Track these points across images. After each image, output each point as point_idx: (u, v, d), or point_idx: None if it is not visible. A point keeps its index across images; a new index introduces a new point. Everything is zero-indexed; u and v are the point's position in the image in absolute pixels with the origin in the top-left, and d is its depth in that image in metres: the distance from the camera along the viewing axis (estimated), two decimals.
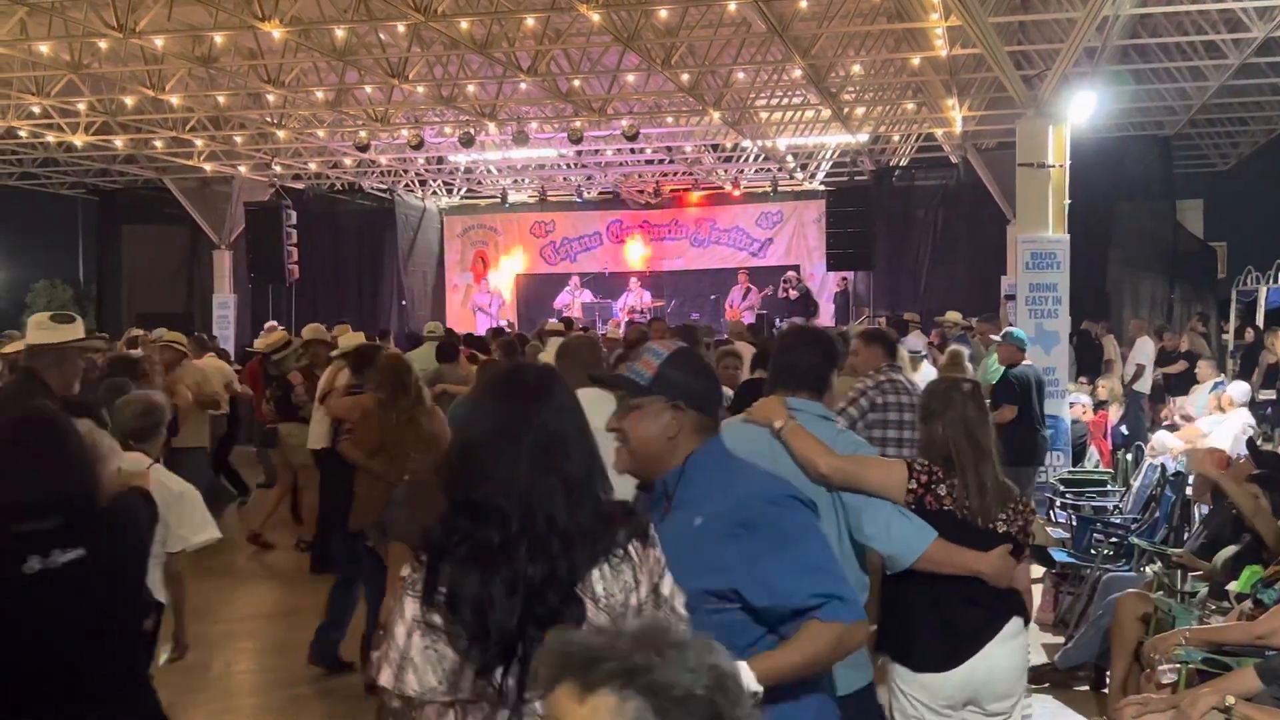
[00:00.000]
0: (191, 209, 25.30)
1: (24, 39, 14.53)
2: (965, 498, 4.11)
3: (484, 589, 2.38)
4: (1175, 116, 21.10)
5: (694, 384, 3.09)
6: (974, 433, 4.19)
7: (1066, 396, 13.97)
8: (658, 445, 3.04)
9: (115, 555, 3.48)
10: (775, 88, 18.51)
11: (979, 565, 4.02)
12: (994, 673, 4.10)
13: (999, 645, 4.10)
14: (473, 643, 2.37)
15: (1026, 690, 7.03)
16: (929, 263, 23.35)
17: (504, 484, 2.47)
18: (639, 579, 2.50)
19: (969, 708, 4.15)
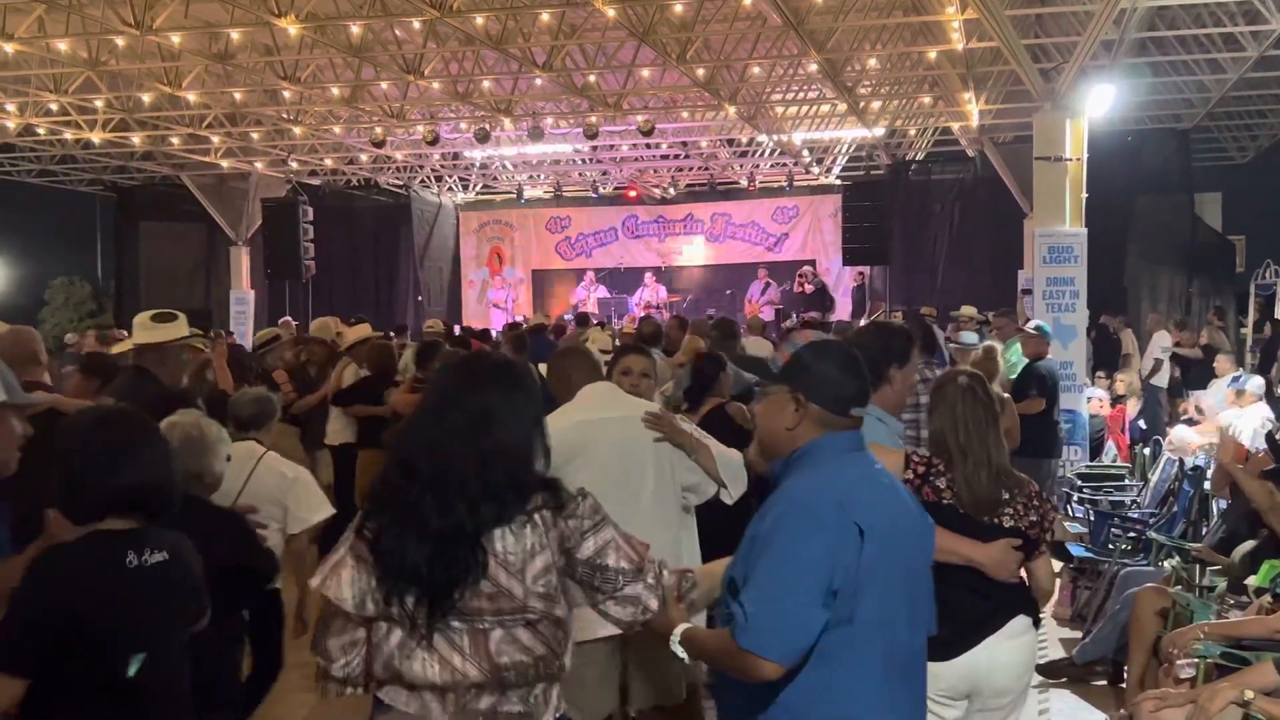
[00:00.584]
0: (209, 206, 25.38)
1: (42, 36, 14.58)
2: (957, 489, 4.08)
3: (401, 533, 2.81)
4: (1193, 109, 20.98)
5: (823, 378, 3.09)
6: (967, 426, 4.14)
7: (1084, 391, 13.93)
8: (776, 435, 3.11)
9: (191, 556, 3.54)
10: (791, 82, 18.47)
11: (974, 555, 4.00)
12: (995, 667, 4.06)
13: (1002, 640, 4.07)
14: (386, 575, 2.81)
15: (1042, 686, 7.06)
16: (945, 257, 23.28)
17: (426, 450, 2.87)
18: (545, 543, 2.84)
19: (971, 701, 4.13)
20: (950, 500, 4.07)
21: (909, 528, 3.09)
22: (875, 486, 3.07)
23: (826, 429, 3.06)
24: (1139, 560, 8.18)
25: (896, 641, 3.01)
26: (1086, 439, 13.46)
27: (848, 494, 2.96)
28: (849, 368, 3.14)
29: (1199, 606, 6.03)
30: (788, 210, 26.53)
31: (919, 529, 3.14)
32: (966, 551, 3.99)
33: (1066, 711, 6.85)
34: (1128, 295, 21.52)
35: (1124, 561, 8.12)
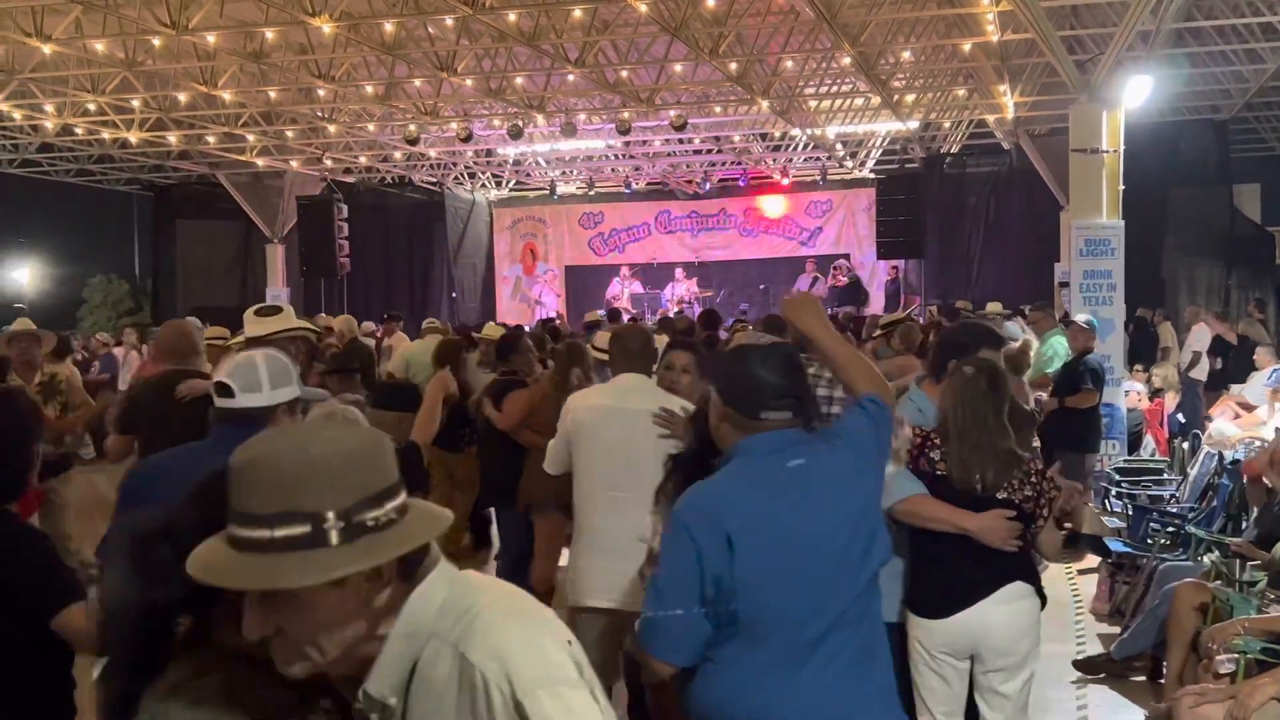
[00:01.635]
0: (244, 204, 25.56)
1: (79, 37, 14.72)
2: (948, 465, 4.33)
3: None
4: (1231, 100, 20.79)
5: (735, 381, 3.20)
6: (967, 411, 4.35)
7: (1122, 384, 13.83)
8: (716, 435, 3.26)
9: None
10: (824, 76, 18.41)
11: (965, 524, 4.22)
12: (989, 629, 4.29)
13: (996, 604, 4.29)
14: None
15: (1080, 682, 7.02)
16: (981, 250, 23.17)
17: None
18: None
19: (975, 663, 4.38)
20: (943, 471, 4.33)
21: (807, 525, 3.08)
22: (764, 491, 3.08)
23: (743, 431, 3.13)
24: (1178, 555, 8.12)
25: (802, 632, 3.04)
26: (1125, 433, 13.36)
27: (722, 503, 3.04)
28: (765, 370, 3.16)
29: (1239, 601, 5.98)
30: (821, 204, 26.46)
31: (829, 524, 3.11)
32: (958, 520, 4.22)
33: (1105, 707, 6.81)
34: (1166, 288, 21.35)
35: (1163, 556, 8.06)
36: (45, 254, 37.85)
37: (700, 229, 27.40)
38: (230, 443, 3.44)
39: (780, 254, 26.28)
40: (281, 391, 3.64)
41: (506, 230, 29.01)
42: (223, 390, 3.60)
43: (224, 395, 3.60)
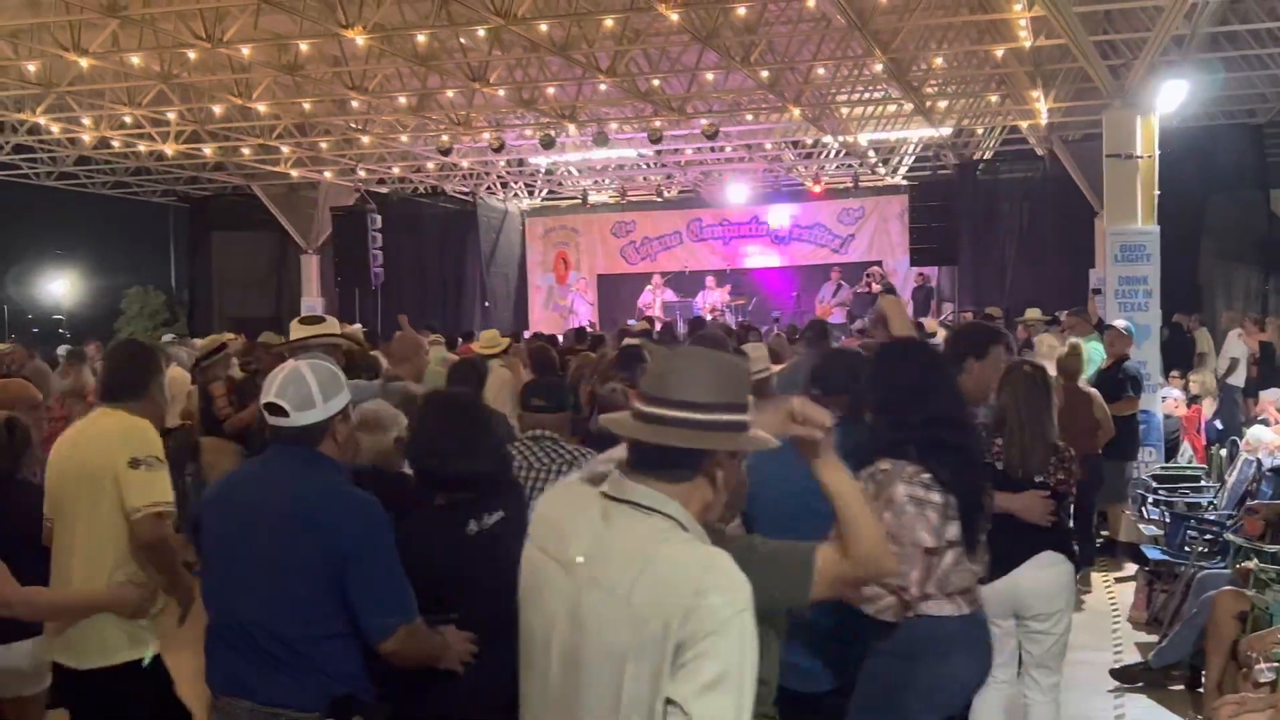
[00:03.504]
0: (279, 215, 25.74)
1: (116, 51, 14.86)
2: (1009, 454, 5.22)
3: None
4: (1268, 104, 20.61)
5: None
6: (1024, 404, 5.24)
7: (1159, 391, 13.73)
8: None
9: (524, 516, 3.73)
10: (856, 83, 18.38)
11: (1008, 505, 4.95)
12: (1024, 591, 5.25)
13: (1030, 569, 5.23)
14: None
15: (1118, 691, 6.97)
16: (1015, 257, 23.04)
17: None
18: None
19: (1017, 621, 5.37)
20: (989, 459, 5.07)
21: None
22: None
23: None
24: (1216, 563, 8.05)
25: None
26: (1161, 440, 13.27)
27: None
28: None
29: (1278, 610, 5.93)
30: (854, 211, 26.40)
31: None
32: (1002, 503, 4.78)
33: (1143, 716, 6.77)
34: (1202, 294, 21.18)
35: (1201, 564, 8.00)
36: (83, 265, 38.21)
37: (732, 237, 27.39)
38: (288, 461, 3.59)
39: (813, 261, 26.23)
40: (334, 402, 3.61)
41: (539, 239, 29.10)
42: (275, 410, 3.55)
43: (277, 415, 3.56)
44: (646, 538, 2.40)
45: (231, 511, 3.63)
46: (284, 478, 3.57)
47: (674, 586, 2.30)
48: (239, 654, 3.50)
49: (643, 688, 2.30)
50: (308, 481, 3.54)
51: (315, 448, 3.58)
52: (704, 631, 2.25)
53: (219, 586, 3.61)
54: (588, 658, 2.40)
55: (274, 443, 3.62)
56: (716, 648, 2.25)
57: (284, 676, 3.44)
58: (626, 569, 2.37)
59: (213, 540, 3.63)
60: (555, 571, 2.50)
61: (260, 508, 3.54)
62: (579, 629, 2.42)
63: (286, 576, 3.45)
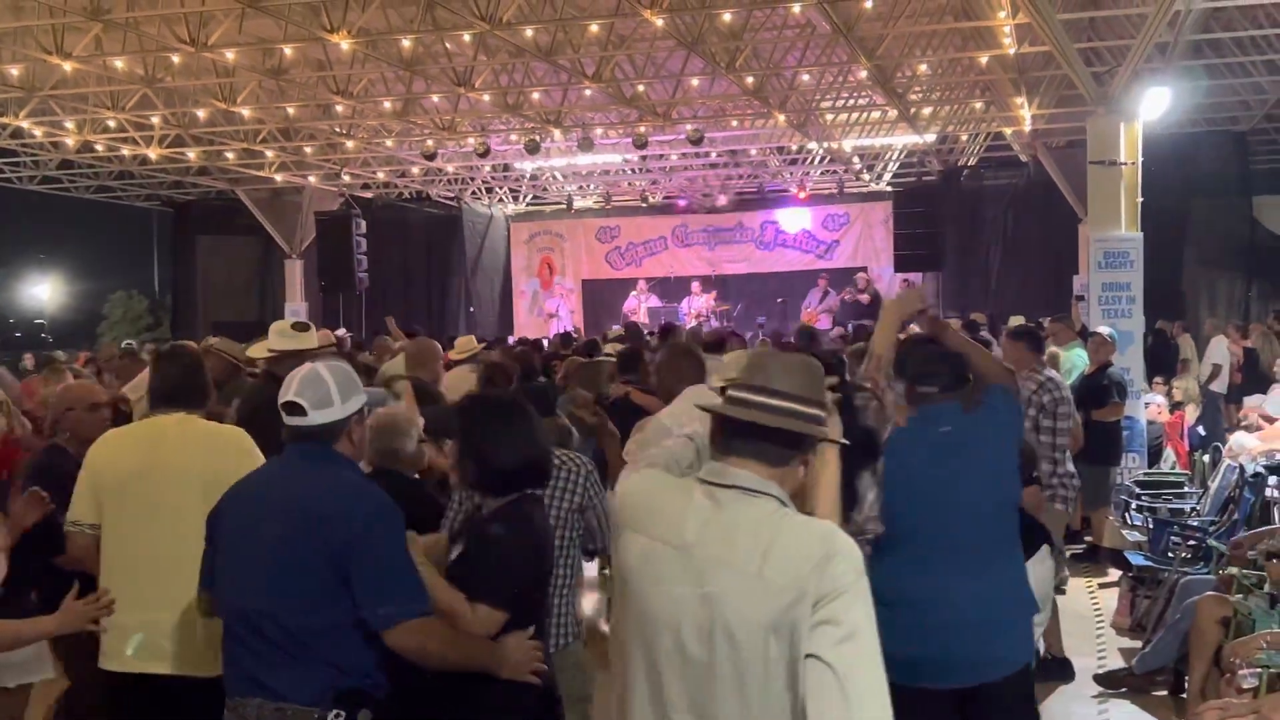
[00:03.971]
0: (263, 219, 25.65)
1: (99, 54, 14.81)
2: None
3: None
4: (1250, 111, 20.71)
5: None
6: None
7: (1142, 397, 13.77)
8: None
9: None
10: (841, 89, 18.41)
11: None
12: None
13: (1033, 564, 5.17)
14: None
15: (1101, 696, 6.99)
16: (999, 263, 23.12)
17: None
18: None
19: None
20: None
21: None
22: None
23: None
24: (1199, 569, 8.07)
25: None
26: (1145, 446, 13.30)
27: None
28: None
29: (1261, 615, 5.94)
30: (838, 217, 26.43)
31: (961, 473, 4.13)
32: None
33: None
34: (1185, 300, 21.26)
35: (1184, 570, 8.02)
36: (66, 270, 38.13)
37: (717, 242, 27.40)
38: (305, 460, 3.61)
39: (797, 267, 26.25)
40: (351, 402, 3.66)
41: (524, 244, 29.08)
42: (294, 409, 3.58)
43: (296, 414, 3.59)
44: (763, 517, 2.67)
45: (244, 507, 3.66)
46: (298, 473, 3.63)
47: (801, 558, 2.59)
48: (249, 648, 3.52)
49: (784, 652, 2.58)
50: (321, 476, 3.60)
51: (331, 446, 3.64)
52: (835, 593, 2.55)
53: (230, 581, 3.63)
54: (730, 633, 2.63)
55: (290, 443, 3.66)
56: (847, 606, 2.55)
57: (292, 670, 3.45)
58: (753, 548, 2.63)
59: (225, 535, 3.66)
60: (672, 556, 2.72)
61: (272, 501, 3.59)
62: (713, 608, 2.64)
63: (295, 567, 3.47)
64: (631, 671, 2.83)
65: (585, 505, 4.84)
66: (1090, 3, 14.24)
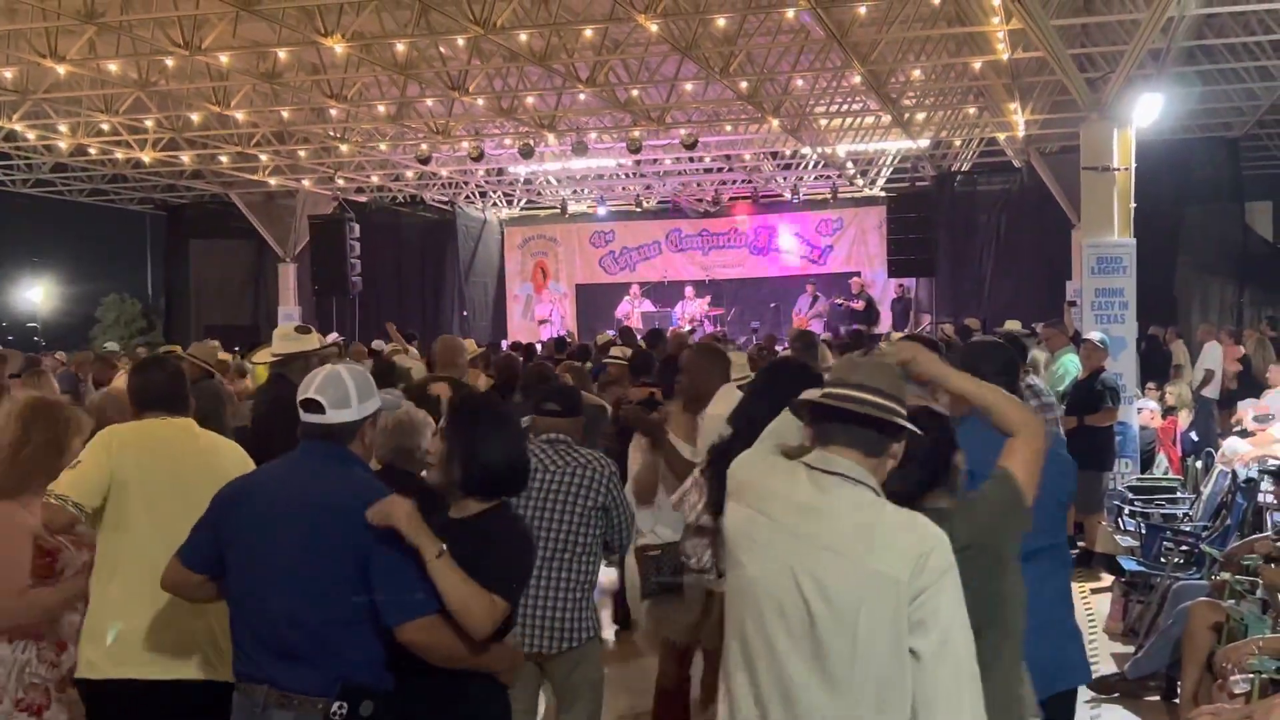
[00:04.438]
0: (257, 223, 25.65)
1: (93, 58, 14.80)
2: None
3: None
4: (1243, 118, 20.76)
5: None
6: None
7: (1135, 403, 13.79)
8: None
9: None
10: (834, 94, 18.45)
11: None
12: None
13: None
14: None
15: (1094, 701, 6.99)
16: (992, 268, 23.14)
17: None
18: None
19: None
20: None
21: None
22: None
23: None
24: (1191, 574, 8.08)
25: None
26: (1137, 451, 13.31)
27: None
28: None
29: (1253, 621, 5.95)
30: (832, 222, 26.46)
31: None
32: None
33: None
34: (1178, 306, 21.30)
35: (1176, 575, 8.03)
36: (59, 273, 38.06)
37: (711, 247, 27.41)
38: (319, 457, 3.67)
39: (791, 272, 26.28)
40: (367, 404, 3.74)
41: (518, 249, 29.06)
42: (313, 406, 3.66)
43: (314, 411, 3.66)
44: (863, 504, 2.94)
45: (259, 501, 3.70)
46: (314, 471, 3.68)
47: (900, 548, 2.85)
48: (262, 643, 3.57)
49: (877, 633, 2.82)
50: (336, 474, 3.67)
51: (346, 446, 3.72)
52: (930, 586, 2.82)
53: (244, 579, 3.66)
54: (822, 609, 2.87)
55: (304, 440, 3.73)
56: (941, 601, 2.83)
57: (302, 663, 3.52)
58: (853, 533, 2.89)
59: (236, 535, 3.68)
60: (773, 529, 3.00)
61: (289, 498, 3.64)
62: (808, 584, 2.89)
63: (312, 565, 3.54)
64: (730, 633, 3.11)
65: (609, 505, 4.97)
66: (1084, 9, 14.25)
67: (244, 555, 3.65)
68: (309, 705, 3.49)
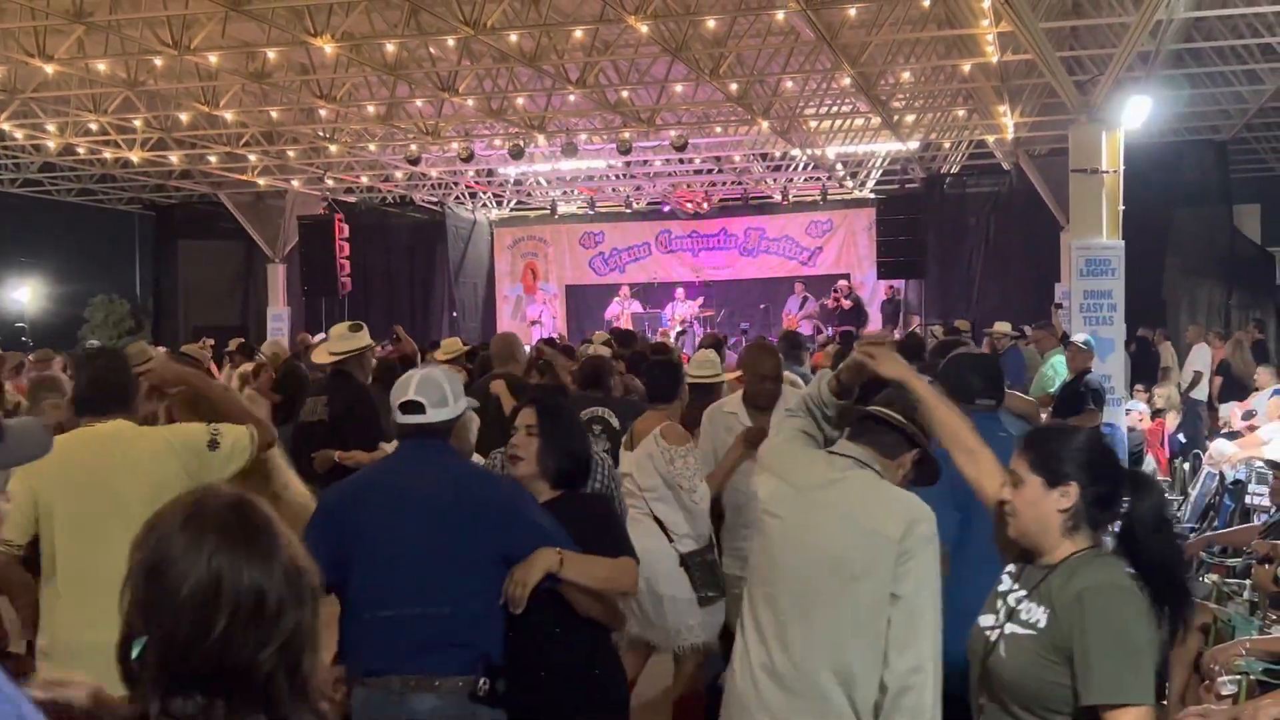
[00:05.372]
0: (246, 223, 25.60)
1: (81, 57, 14.76)
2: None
3: None
4: (1231, 121, 20.82)
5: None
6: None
7: (1123, 404, 13.82)
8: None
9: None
10: (824, 96, 18.46)
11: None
12: None
13: None
14: None
15: None
16: (981, 270, 23.17)
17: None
18: None
19: None
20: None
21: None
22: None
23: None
24: None
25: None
26: (1126, 453, 13.33)
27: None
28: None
29: (1240, 622, 5.97)
30: (822, 224, 26.47)
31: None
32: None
33: None
34: (1166, 308, 21.35)
35: None
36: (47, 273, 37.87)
37: (701, 249, 27.42)
38: (429, 454, 3.86)
39: (781, 274, 26.29)
40: (460, 403, 3.96)
41: (507, 250, 29.03)
42: (414, 408, 3.84)
43: (415, 412, 3.84)
44: (869, 482, 3.49)
45: (380, 506, 3.84)
46: (431, 467, 3.88)
47: (896, 515, 3.38)
48: (391, 638, 3.67)
49: (868, 587, 3.36)
50: (452, 467, 3.93)
51: (447, 441, 3.95)
52: (915, 550, 3.34)
53: (370, 579, 3.75)
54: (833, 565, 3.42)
55: (406, 440, 3.93)
56: (922, 561, 3.35)
57: (438, 651, 3.68)
58: (862, 502, 3.44)
59: (359, 538, 3.79)
60: (796, 497, 3.55)
61: (413, 496, 3.80)
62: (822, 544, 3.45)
63: (448, 556, 3.72)
64: (751, 582, 3.67)
65: (608, 496, 5.12)
66: (1072, 11, 14.29)
67: (368, 556, 3.76)
68: (451, 685, 3.64)
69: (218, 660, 1.66)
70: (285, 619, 1.70)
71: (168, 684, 1.68)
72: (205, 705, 1.68)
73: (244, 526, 1.72)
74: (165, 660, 1.67)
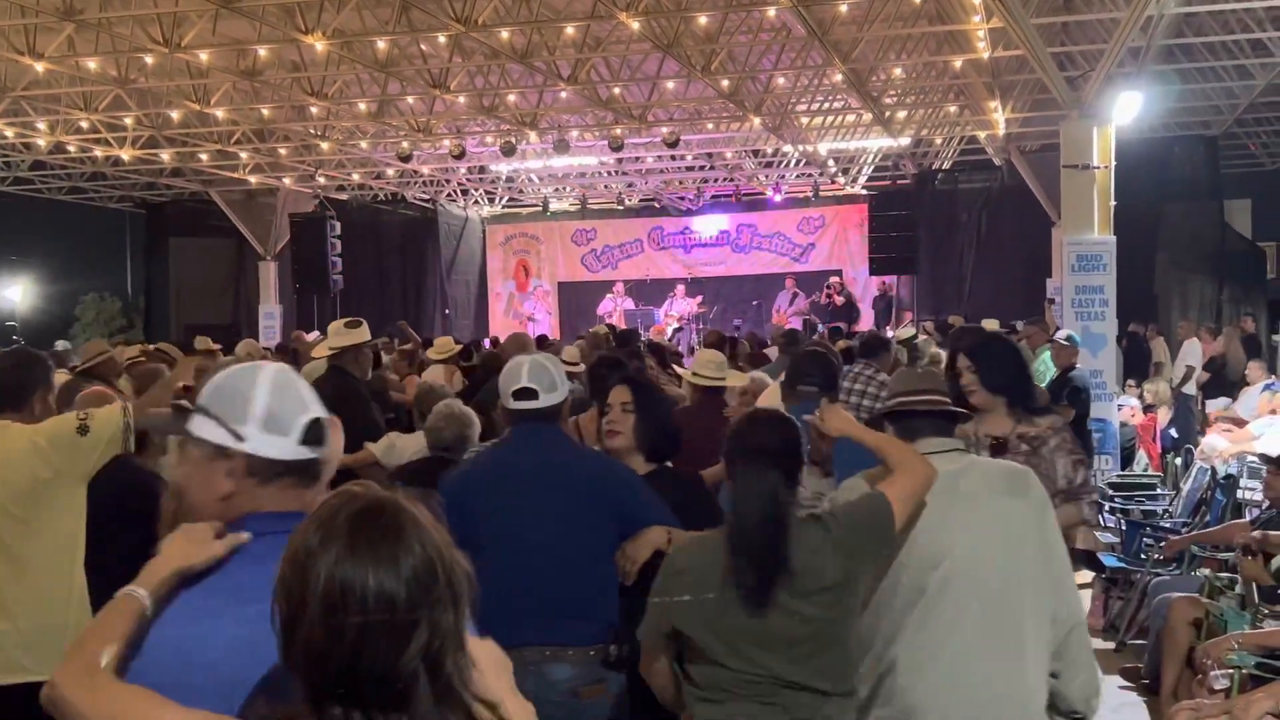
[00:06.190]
0: (237, 221, 25.54)
1: (72, 55, 14.73)
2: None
3: None
4: (1222, 116, 20.86)
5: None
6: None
7: (1115, 399, 13.84)
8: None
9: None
10: (816, 92, 18.46)
11: None
12: None
13: None
14: None
15: None
16: (973, 266, 23.19)
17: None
18: None
19: None
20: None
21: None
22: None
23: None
24: (1171, 570, 8.12)
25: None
26: (1118, 448, 13.37)
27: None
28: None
29: (1233, 616, 5.98)
30: (814, 220, 26.49)
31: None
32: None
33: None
34: (1158, 303, 21.37)
35: (1156, 571, 8.06)
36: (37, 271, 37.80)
37: (693, 245, 27.43)
38: (545, 436, 4.03)
39: (773, 270, 26.30)
40: (564, 388, 4.14)
41: (499, 247, 29.03)
42: (527, 394, 4.03)
43: (528, 399, 4.03)
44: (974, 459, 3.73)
45: (504, 490, 4.01)
46: (549, 449, 4.07)
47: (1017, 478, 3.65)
48: (515, 614, 3.72)
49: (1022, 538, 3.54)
50: (568, 449, 4.16)
51: (556, 425, 4.14)
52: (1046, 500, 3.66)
53: (497, 560, 3.76)
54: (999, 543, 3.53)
55: (519, 424, 4.09)
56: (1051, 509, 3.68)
57: (567, 622, 3.87)
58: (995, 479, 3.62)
59: (485, 521, 3.91)
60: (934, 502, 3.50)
61: (534, 478, 3.98)
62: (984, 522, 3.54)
63: (570, 534, 3.91)
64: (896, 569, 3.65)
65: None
66: (1064, 7, 14.30)
67: (496, 538, 3.87)
68: (583, 654, 3.85)
69: (353, 667, 1.66)
70: (421, 624, 1.68)
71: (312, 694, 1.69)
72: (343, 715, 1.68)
73: (370, 531, 1.71)
74: (307, 669, 1.68)
